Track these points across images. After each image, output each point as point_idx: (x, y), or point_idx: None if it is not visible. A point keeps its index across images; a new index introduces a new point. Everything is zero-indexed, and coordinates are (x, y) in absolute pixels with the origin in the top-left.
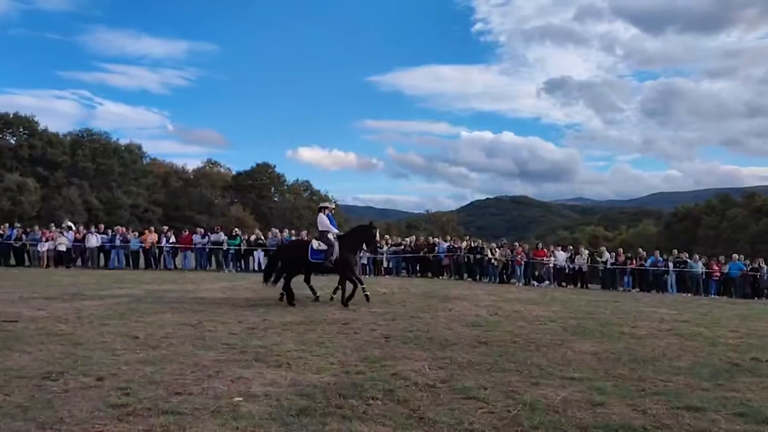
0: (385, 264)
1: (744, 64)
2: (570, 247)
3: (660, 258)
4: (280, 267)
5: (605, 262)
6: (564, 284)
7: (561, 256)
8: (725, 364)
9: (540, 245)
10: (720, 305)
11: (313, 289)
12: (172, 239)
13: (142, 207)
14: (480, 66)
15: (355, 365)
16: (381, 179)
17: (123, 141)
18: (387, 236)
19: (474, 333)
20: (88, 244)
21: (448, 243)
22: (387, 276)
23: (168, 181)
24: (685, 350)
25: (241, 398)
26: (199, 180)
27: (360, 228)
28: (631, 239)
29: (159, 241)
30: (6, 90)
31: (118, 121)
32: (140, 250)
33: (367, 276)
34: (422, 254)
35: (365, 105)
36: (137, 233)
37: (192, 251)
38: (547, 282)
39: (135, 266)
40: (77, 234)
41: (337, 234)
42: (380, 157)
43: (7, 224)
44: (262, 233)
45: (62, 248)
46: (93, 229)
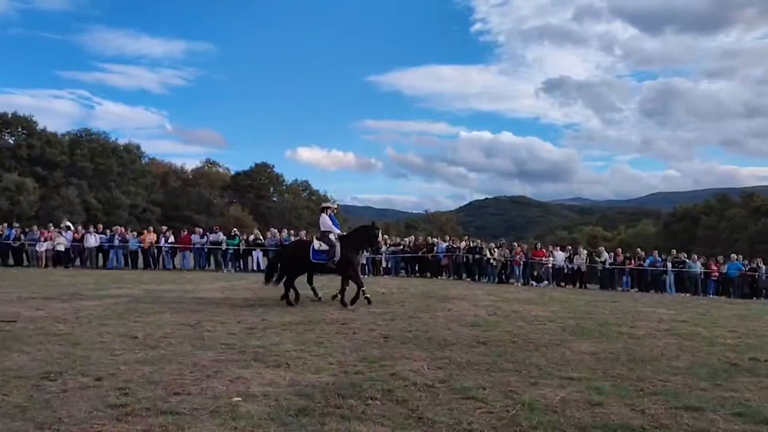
0: (384, 264)
1: (743, 65)
2: (569, 247)
3: (658, 258)
4: (282, 267)
5: (604, 262)
6: (563, 284)
7: (560, 256)
8: (723, 364)
9: (539, 245)
10: (718, 305)
11: (315, 290)
12: (171, 239)
13: (141, 207)
14: (479, 66)
15: (354, 365)
16: (380, 179)
17: (122, 141)
18: (386, 236)
19: (473, 333)
20: (87, 244)
21: (447, 243)
22: (386, 276)
23: (167, 181)
24: (684, 350)
25: (240, 398)
26: (198, 180)
27: (362, 228)
28: (630, 239)
29: (158, 241)
30: (4, 90)
31: (117, 121)
32: (139, 250)
33: (366, 276)
34: (421, 254)
35: (364, 105)
36: (136, 233)
37: (191, 251)
38: (546, 282)
39: (134, 266)
40: (76, 234)
41: (339, 234)
42: (379, 157)
43: (6, 224)
44: (261, 233)
45: (61, 248)
46: (91, 229)
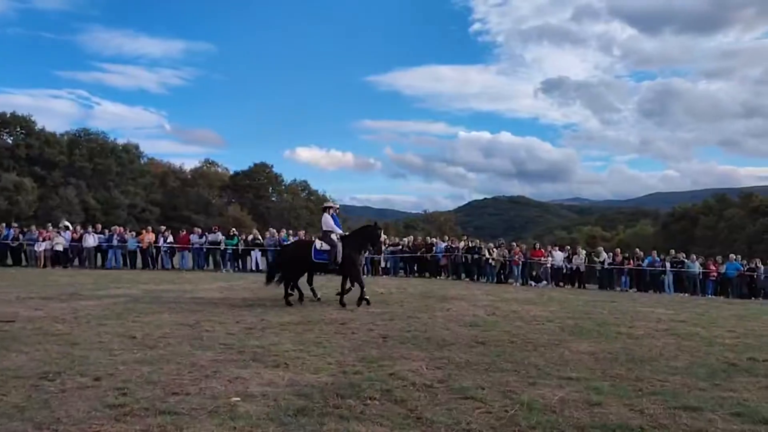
0: (383, 264)
1: (741, 65)
2: (567, 247)
3: (657, 258)
4: (283, 267)
5: (602, 262)
6: (561, 284)
7: (558, 256)
8: (722, 364)
9: (537, 245)
10: (717, 305)
11: (314, 291)
12: (170, 239)
13: (140, 207)
14: (478, 66)
15: (353, 365)
16: (378, 179)
17: (120, 141)
18: (384, 236)
19: (471, 333)
20: (86, 244)
21: (446, 243)
22: (385, 276)
23: (165, 181)
24: (682, 350)
25: (239, 398)
26: (197, 180)
27: (365, 228)
28: (629, 239)
29: (156, 241)
30: (3, 89)
31: (116, 121)
32: (137, 250)
33: (365, 276)
34: (420, 254)
35: (363, 105)
36: (134, 233)
37: (189, 251)
38: (545, 282)
39: (132, 266)
40: (74, 234)
41: (341, 234)
42: (378, 157)
43: (4, 224)
44: (260, 233)
45: (59, 248)
46: (90, 229)
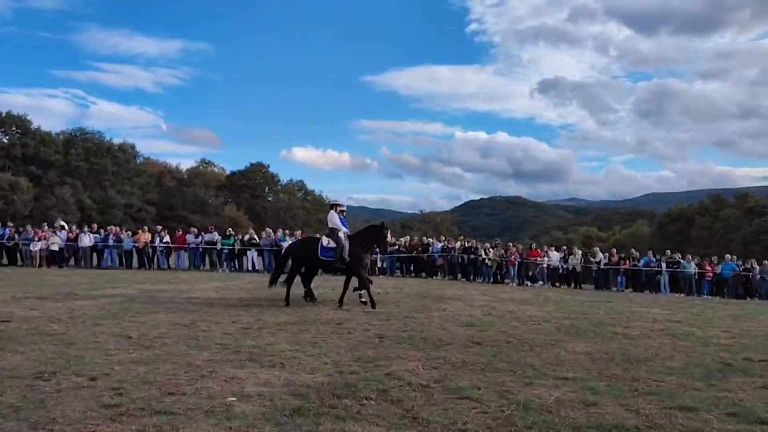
0: (380, 264)
1: (737, 66)
2: (563, 248)
3: (653, 258)
4: (291, 266)
5: (599, 263)
6: (557, 284)
7: (554, 257)
8: (718, 364)
9: (534, 245)
10: (712, 305)
11: (311, 292)
12: (166, 239)
13: (136, 206)
14: (474, 66)
15: (349, 365)
16: (375, 179)
17: (116, 140)
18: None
19: (468, 333)
20: (81, 244)
21: (442, 243)
22: (381, 276)
23: (162, 181)
24: (678, 350)
25: (235, 398)
26: (193, 180)
27: (371, 228)
28: (625, 240)
29: (152, 241)
30: None
31: (112, 121)
32: (133, 250)
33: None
34: (416, 254)
35: (360, 105)
36: (130, 233)
37: (185, 251)
38: (541, 282)
39: (128, 266)
40: (70, 233)
41: (347, 233)
42: (374, 157)
43: (0, 223)
44: (256, 233)
45: (55, 248)
46: (86, 229)
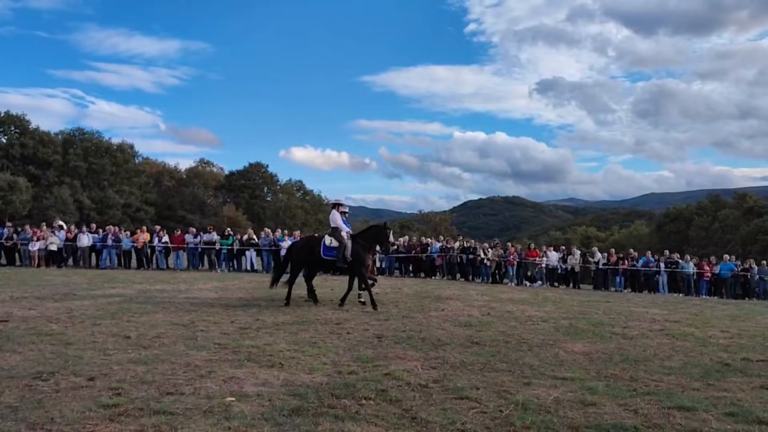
0: (378, 264)
1: (735, 66)
2: (562, 248)
3: (651, 258)
4: (294, 266)
5: (597, 263)
6: (556, 284)
7: (553, 257)
8: (716, 364)
9: (532, 245)
10: (711, 305)
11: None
12: (165, 239)
13: (134, 206)
14: (473, 66)
15: (348, 365)
16: (374, 179)
17: (115, 140)
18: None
19: (466, 333)
20: (80, 244)
21: (441, 243)
22: (380, 276)
23: (160, 181)
24: (676, 350)
25: (234, 398)
26: (192, 179)
27: (374, 228)
28: (623, 240)
29: (151, 241)
30: None
31: (111, 120)
32: (132, 250)
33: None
34: (415, 254)
35: (358, 105)
36: (129, 233)
37: (184, 251)
38: (540, 282)
39: (127, 266)
40: (69, 233)
41: (350, 233)
42: (373, 157)
43: None
44: (255, 233)
45: (53, 248)
46: (84, 229)
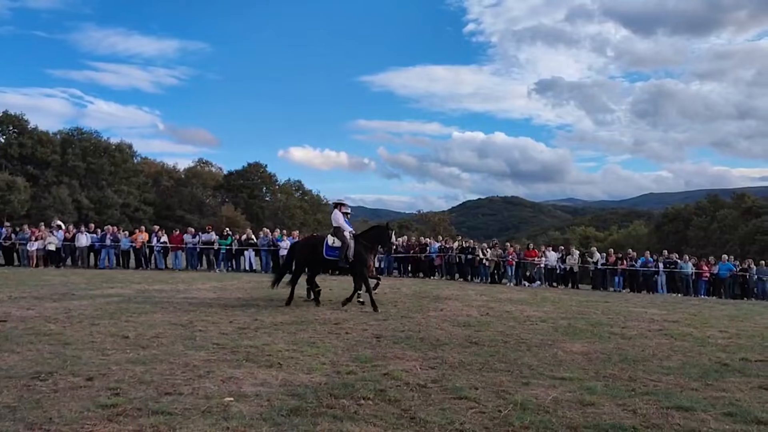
0: (377, 264)
1: (734, 66)
2: (561, 248)
3: (650, 258)
4: (296, 265)
5: (596, 263)
6: (555, 284)
7: (552, 257)
8: (715, 364)
9: (531, 245)
10: (709, 305)
11: (309, 292)
12: (163, 239)
13: (133, 206)
14: (472, 66)
15: (347, 365)
16: (372, 179)
17: (114, 140)
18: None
19: (465, 333)
20: (78, 244)
21: (440, 243)
22: (379, 276)
23: (159, 181)
24: (675, 350)
25: (232, 398)
26: (191, 179)
27: (376, 228)
28: (622, 240)
29: (150, 241)
30: None
31: (109, 120)
32: (131, 250)
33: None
34: (414, 254)
35: (357, 105)
36: (128, 233)
37: (183, 251)
38: (538, 282)
39: (125, 266)
40: (67, 233)
41: (353, 233)
42: (372, 157)
43: None
44: (254, 233)
45: (52, 248)
46: (83, 229)
